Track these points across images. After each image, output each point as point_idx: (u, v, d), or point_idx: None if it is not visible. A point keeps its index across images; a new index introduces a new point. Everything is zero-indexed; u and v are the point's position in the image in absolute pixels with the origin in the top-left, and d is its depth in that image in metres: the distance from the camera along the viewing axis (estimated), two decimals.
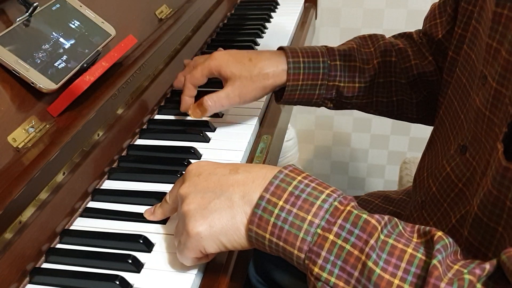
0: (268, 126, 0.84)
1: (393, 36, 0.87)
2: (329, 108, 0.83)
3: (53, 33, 0.68)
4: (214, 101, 0.75)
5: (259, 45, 1.10)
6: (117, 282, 0.53)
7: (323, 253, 0.45)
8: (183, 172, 0.68)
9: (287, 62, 0.76)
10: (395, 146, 1.80)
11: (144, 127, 0.81)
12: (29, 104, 0.62)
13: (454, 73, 0.68)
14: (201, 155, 0.73)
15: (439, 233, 0.44)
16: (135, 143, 0.78)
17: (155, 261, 0.57)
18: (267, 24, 1.20)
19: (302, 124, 1.83)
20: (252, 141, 0.79)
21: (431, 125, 0.78)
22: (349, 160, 1.88)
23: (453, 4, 0.72)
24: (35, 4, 0.66)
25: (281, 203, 0.47)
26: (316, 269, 0.45)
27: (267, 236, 0.48)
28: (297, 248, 0.46)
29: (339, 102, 0.82)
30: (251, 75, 0.74)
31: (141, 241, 0.58)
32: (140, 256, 0.57)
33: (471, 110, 0.60)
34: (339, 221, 0.45)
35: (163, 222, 0.62)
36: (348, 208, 0.46)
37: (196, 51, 1.04)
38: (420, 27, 0.85)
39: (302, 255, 0.46)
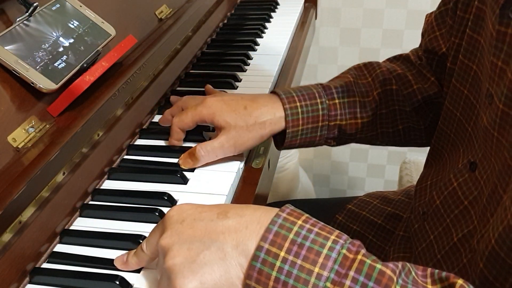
0: None
1: (389, 60, 0.84)
2: (332, 146, 0.80)
3: (53, 33, 0.68)
4: (207, 151, 0.69)
5: (259, 45, 1.10)
6: (117, 282, 0.53)
7: None
8: (183, 172, 0.69)
9: (284, 109, 0.72)
10: (395, 146, 1.80)
11: (144, 127, 0.81)
12: (29, 104, 0.62)
13: (450, 83, 0.66)
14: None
15: (460, 281, 0.41)
16: (135, 143, 0.78)
17: (154, 261, 0.57)
18: (267, 24, 1.20)
19: None
20: None
21: None
22: (349, 160, 1.88)
23: (454, 15, 0.69)
24: (35, 4, 0.66)
25: (282, 253, 0.42)
26: None
27: None
28: None
29: (342, 140, 0.79)
30: (247, 124, 0.70)
31: (141, 241, 0.58)
32: None
33: (479, 128, 0.58)
34: (351, 273, 0.41)
35: None
36: (359, 257, 0.42)
37: (196, 51, 1.04)
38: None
39: None
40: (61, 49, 0.68)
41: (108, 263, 0.56)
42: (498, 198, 0.52)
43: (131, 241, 0.58)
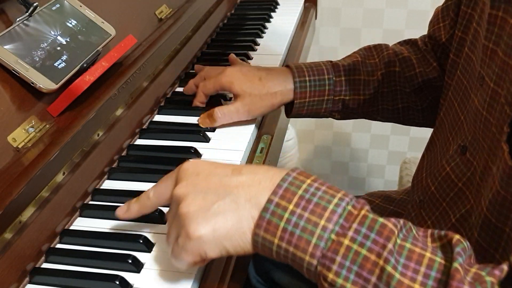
0: (268, 126, 0.84)
1: (399, 43, 0.90)
2: (336, 119, 0.87)
3: (53, 33, 0.68)
4: (224, 114, 0.78)
5: (259, 45, 1.10)
6: (117, 282, 0.53)
7: (338, 259, 0.43)
8: None
9: (293, 82, 0.80)
10: (395, 146, 1.80)
11: (144, 127, 0.81)
12: (29, 104, 0.62)
13: (455, 76, 0.69)
14: (201, 155, 0.73)
15: (457, 236, 0.43)
16: (135, 143, 0.78)
17: (155, 261, 0.57)
18: (267, 24, 1.20)
19: (302, 124, 1.83)
20: (252, 141, 0.79)
21: None
22: (349, 160, 1.88)
23: (455, 8, 0.74)
24: (35, 4, 0.66)
25: (291, 207, 0.45)
26: (331, 275, 0.43)
27: (276, 241, 0.45)
28: (309, 254, 0.44)
29: (345, 113, 0.85)
30: (260, 93, 0.78)
31: (141, 241, 0.58)
32: (140, 256, 0.57)
33: (471, 111, 0.60)
34: (354, 225, 0.44)
35: (163, 222, 0.62)
36: (363, 212, 0.45)
37: (196, 51, 1.04)
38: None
39: (315, 261, 0.44)
40: (60, 49, 0.68)
41: (108, 263, 0.56)
42: (489, 173, 0.54)
43: (131, 241, 0.58)
